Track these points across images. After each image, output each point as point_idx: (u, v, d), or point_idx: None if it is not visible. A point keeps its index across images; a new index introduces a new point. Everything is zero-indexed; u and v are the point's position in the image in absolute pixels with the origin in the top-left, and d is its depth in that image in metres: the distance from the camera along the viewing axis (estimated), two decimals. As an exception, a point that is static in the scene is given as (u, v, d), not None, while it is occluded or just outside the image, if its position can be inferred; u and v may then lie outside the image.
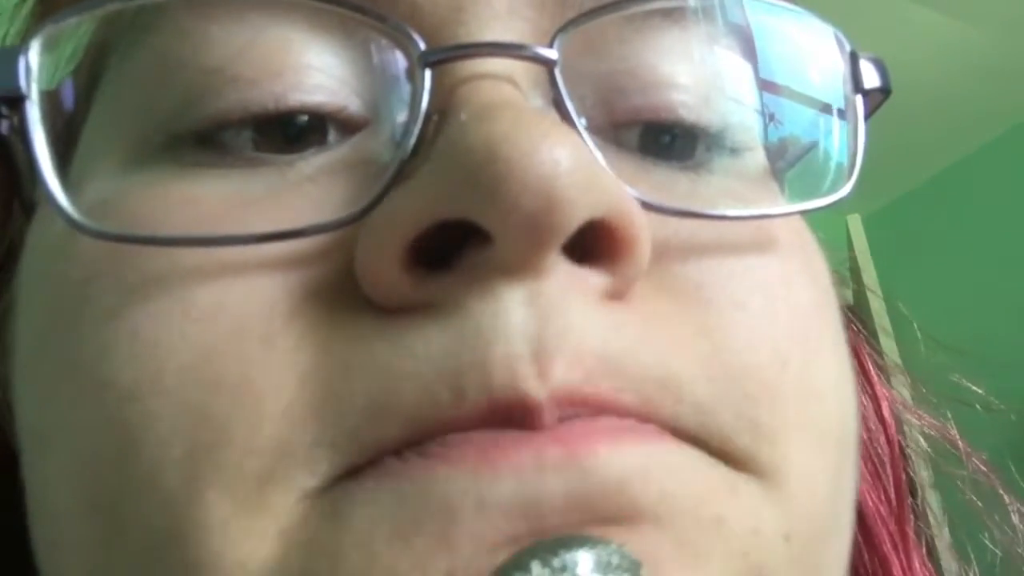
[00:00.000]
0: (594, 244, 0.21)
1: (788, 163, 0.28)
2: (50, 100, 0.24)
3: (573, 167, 0.20)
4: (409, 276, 0.20)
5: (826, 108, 0.27)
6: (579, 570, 0.17)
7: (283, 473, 0.20)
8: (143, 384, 0.21)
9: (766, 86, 0.27)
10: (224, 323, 0.21)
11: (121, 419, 0.21)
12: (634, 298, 0.22)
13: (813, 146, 0.27)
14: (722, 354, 0.22)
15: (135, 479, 0.21)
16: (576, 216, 0.20)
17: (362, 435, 0.20)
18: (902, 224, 2.20)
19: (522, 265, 0.20)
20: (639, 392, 0.21)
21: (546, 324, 0.20)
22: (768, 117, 0.27)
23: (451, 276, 0.20)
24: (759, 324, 0.23)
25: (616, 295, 0.21)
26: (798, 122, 0.27)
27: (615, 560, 0.17)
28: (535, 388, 0.19)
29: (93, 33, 0.25)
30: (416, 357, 0.20)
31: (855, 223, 1.46)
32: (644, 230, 0.21)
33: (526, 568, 0.17)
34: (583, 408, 0.20)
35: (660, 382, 0.21)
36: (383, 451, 0.20)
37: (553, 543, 0.17)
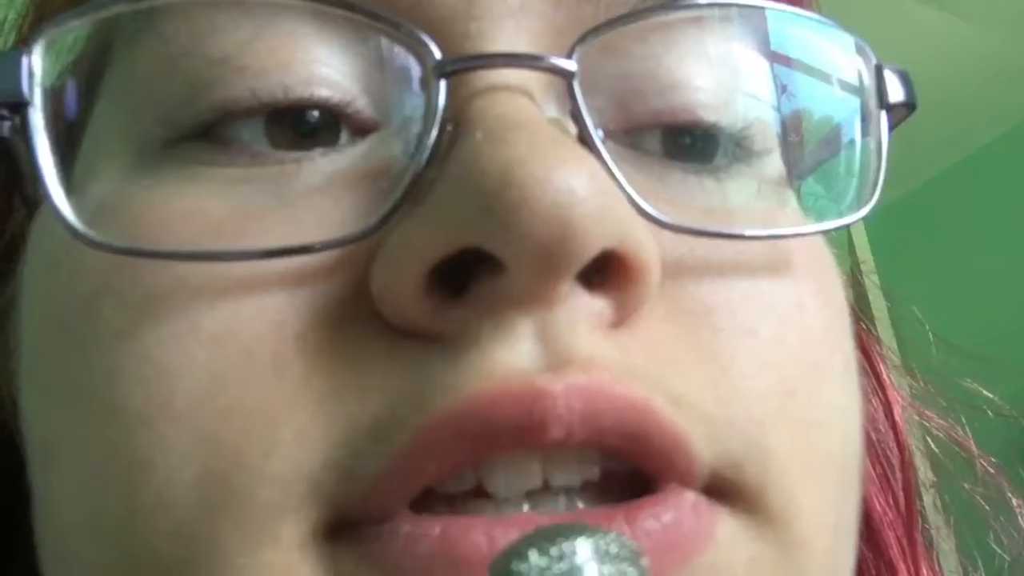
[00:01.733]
0: (604, 269, 0.21)
1: (808, 171, 0.28)
2: (53, 103, 0.23)
3: (588, 195, 0.19)
4: (429, 302, 0.20)
5: (848, 120, 0.27)
6: (577, 559, 0.16)
7: (296, 503, 0.20)
8: (153, 410, 0.20)
9: (786, 91, 0.27)
10: (233, 347, 0.21)
11: (131, 444, 0.21)
12: (642, 321, 0.22)
13: (834, 159, 0.27)
14: (730, 380, 0.22)
15: (145, 505, 0.20)
16: (589, 247, 0.20)
17: (369, 463, 0.20)
18: (904, 224, 2.20)
19: (534, 297, 0.20)
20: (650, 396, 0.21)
21: (554, 354, 0.20)
22: (789, 124, 0.27)
23: (466, 306, 0.20)
24: (768, 352, 0.23)
25: (623, 320, 0.21)
26: (820, 131, 0.27)
27: (613, 549, 0.17)
28: (549, 381, 0.19)
29: (94, 29, 0.25)
30: (432, 385, 0.20)
31: (857, 225, 1.45)
32: (655, 259, 0.21)
33: (524, 557, 0.17)
34: (596, 410, 0.20)
35: (673, 399, 0.21)
36: (392, 486, 0.20)
37: (551, 531, 0.17)
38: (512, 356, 0.20)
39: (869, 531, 0.35)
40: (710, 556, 0.21)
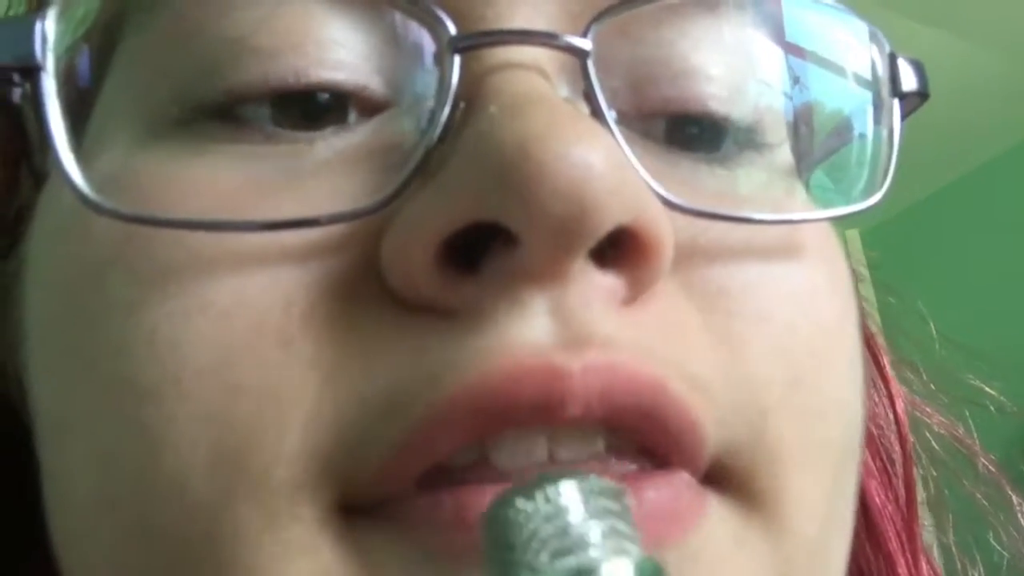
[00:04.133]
0: (617, 245, 0.20)
1: (816, 162, 0.28)
2: (65, 70, 0.23)
3: (605, 171, 0.19)
4: (441, 275, 0.20)
5: (861, 111, 0.27)
6: (562, 500, 0.17)
7: (312, 482, 0.20)
8: (163, 386, 0.20)
9: (799, 82, 0.26)
10: (241, 323, 0.20)
11: (142, 420, 0.21)
12: (654, 299, 0.21)
13: (845, 148, 0.27)
14: (740, 364, 0.22)
15: (161, 482, 0.20)
16: (606, 222, 0.20)
17: (382, 438, 0.20)
18: (899, 240, 2.21)
19: (548, 272, 0.20)
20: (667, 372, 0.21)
21: (568, 331, 0.20)
22: (800, 115, 0.27)
23: (479, 281, 0.20)
24: (779, 338, 0.23)
25: (636, 298, 0.21)
26: (831, 123, 0.27)
27: (597, 488, 0.17)
28: (567, 359, 0.19)
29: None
30: (444, 361, 0.20)
31: (853, 238, 1.45)
32: (669, 236, 0.21)
33: (511, 503, 0.17)
34: (614, 390, 0.20)
35: (688, 381, 0.21)
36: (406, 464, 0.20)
37: (537, 479, 0.17)
38: (528, 332, 0.20)
39: (868, 524, 0.35)
40: (698, 537, 0.21)
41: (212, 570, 0.20)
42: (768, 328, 0.23)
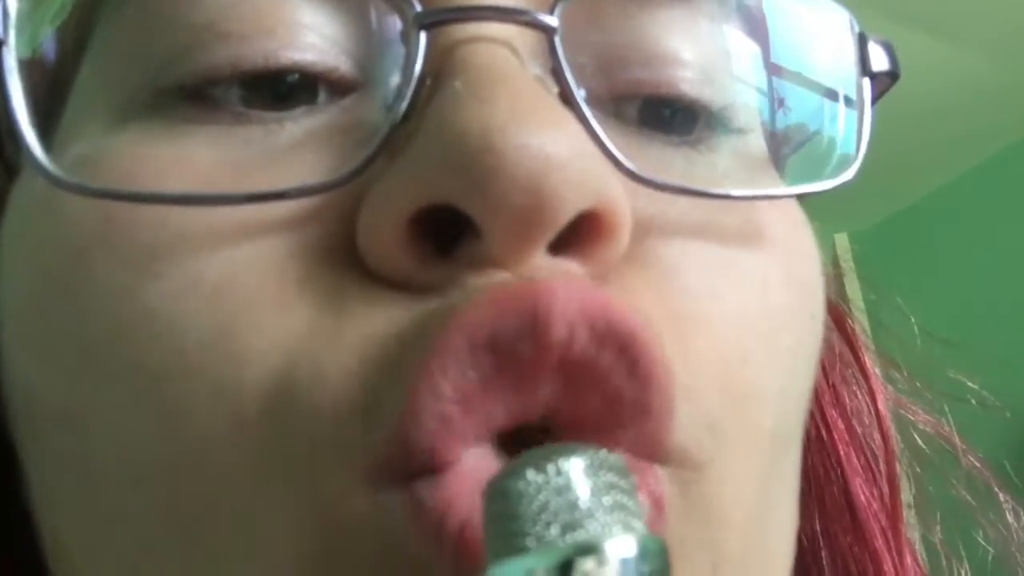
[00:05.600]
0: (575, 229, 0.20)
1: (792, 148, 0.28)
2: (32, 53, 0.23)
3: (566, 162, 0.19)
4: (413, 253, 0.20)
5: (833, 93, 0.27)
6: (572, 474, 0.17)
7: (332, 451, 0.20)
8: (171, 365, 0.21)
9: (773, 68, 0.26)
10: (236, 296, 0.21)
11: (158, 399, 0.21)
12: (611, 277, 0.22)
13: (819, 131, 0.27)
14: (693, 339, 0.22)
15: (187, 457, 0.20)
16: (565, 213, 0.20)
17: (393, 394, 0.19)
18: (889, 244, 2.21)
19: (509, 260, 0.20)
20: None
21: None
22: (774, 101, 0.27)
23: (451, 263, 0.20)
24: (726, 319, 0.23)
25: (595, 277, 0.21)
26: (804, 106, 0.27)
27: (606, 464, 0.18)
28: (548, 281, 0.20)
29: None
30: (432, 313, 0.20)
31: (841, 241, 1.46)
32: (626, 215, 0.21)
33: (522, 475, 0.17)
34: (591, 311, 0.20)
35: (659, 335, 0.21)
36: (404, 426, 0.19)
37: (546, 451, 0.18)
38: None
39: (854, 522, 0.35)
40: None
41: (238, 541, 0.20)
42: (717, 308, 0.23)
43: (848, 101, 0.27)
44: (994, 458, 0.39)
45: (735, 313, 0.23)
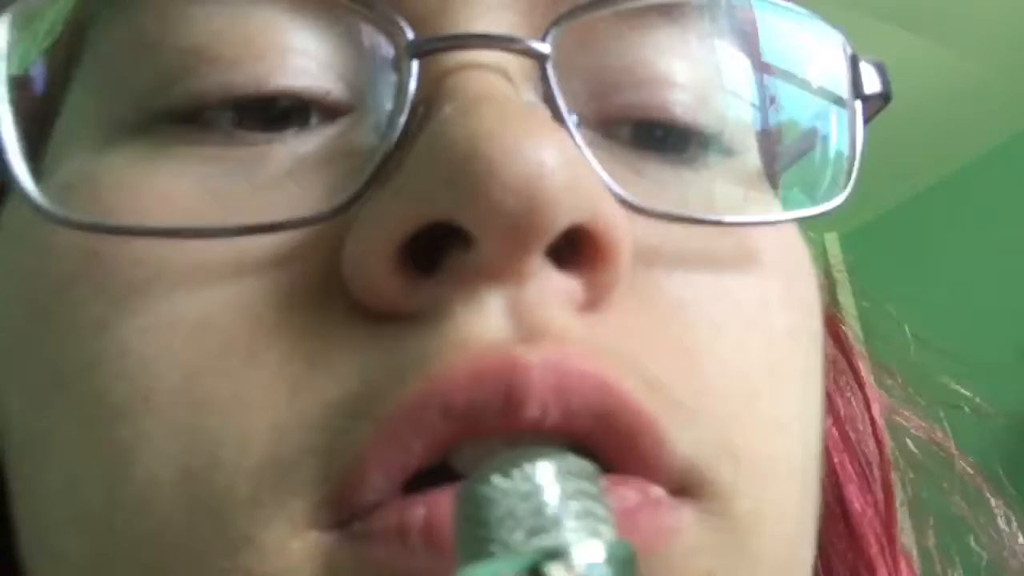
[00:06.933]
0: (575, 248, 0.20)
1: (784, 167, 0.28)
2: (20, 80, 0.23)
3: (557, 168, 0.19)
4: (400, 279, 0.20)
5: (825, 114, 0.27)
6: (539, 479, 0.17)
7: (273, 498, 0.19)
8: (134, 403, 0.20)
9: (765, 89, 0.26)
10: (210, 339, 0.20)
11: (113, 437, 0.20)
12: (613, 308, 0.21)
13: (810, 152, 0.27)
14: (700, 375, 0.22)
15: (128, 501, 0.20)
16: (559, 219, 0.19)
17: (350, 439, 0.19)
18: (879, 244, 2.21)
19: (504, 269, 0.20)
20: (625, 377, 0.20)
21: (524, 327, 0.20)
22: (766, 122, 0.27)
23: (437, 282, 0.20)
24: (734, 351, 0.23)
25: (594, 302, 0.21)
26: (796, 129, 0.27)
27: (574, 469, 0.17)
28: (524, 351, 0.19)
29: (72, 8, 0.25)
30: (406, 359, 0.20)
31: (832, 242, 1.46)
32: (626, 237, 0.21)
33: (488, 481, 0.17)
34: (567, 386, 0.19)
35: (647, 383, 0.21)
36: (369, 461, 0.19)
37: (513, 456, 0.17)
38: (483, 328, 0.19)
39: (849, 529, 0.35)
40: (668, 554, 0.20)
41: None
42: (723, 340, 0.22)
43: (840, 121, 0.27)
44: (987, 464, 0.39)
45: (738, 345, 0.23)
